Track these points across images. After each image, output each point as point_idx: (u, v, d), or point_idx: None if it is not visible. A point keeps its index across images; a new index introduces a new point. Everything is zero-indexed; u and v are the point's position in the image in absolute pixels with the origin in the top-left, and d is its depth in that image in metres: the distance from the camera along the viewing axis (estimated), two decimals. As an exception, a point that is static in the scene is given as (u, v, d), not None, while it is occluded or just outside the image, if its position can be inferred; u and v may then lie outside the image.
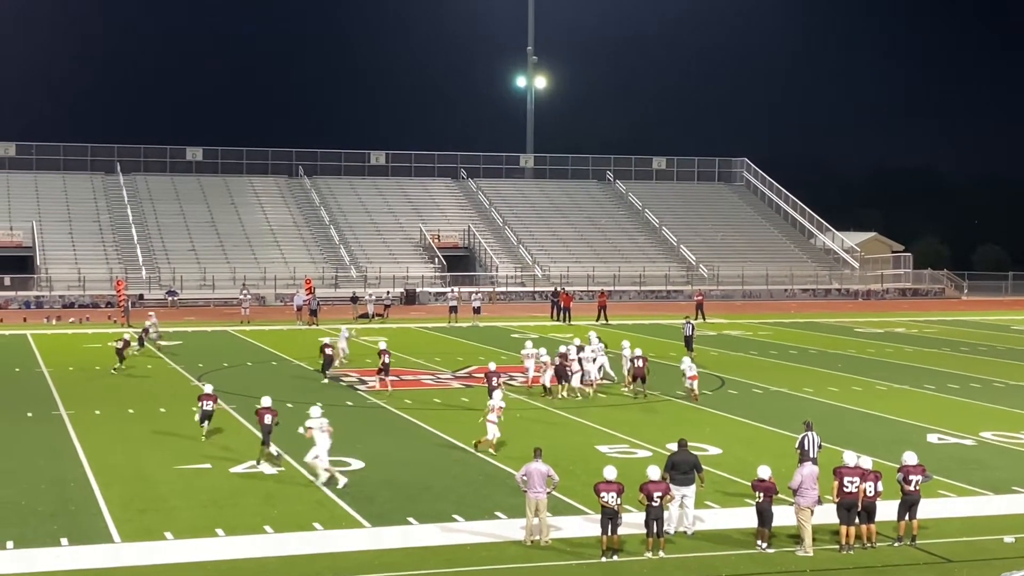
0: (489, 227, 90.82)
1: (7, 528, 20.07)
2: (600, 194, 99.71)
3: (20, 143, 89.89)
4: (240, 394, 35.19)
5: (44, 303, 71.79)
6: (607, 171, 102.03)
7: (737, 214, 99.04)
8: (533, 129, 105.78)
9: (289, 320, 60.74)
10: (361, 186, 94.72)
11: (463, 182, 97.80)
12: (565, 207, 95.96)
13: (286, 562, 18.72)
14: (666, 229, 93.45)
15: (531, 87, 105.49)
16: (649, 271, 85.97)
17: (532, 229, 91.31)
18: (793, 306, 75.44)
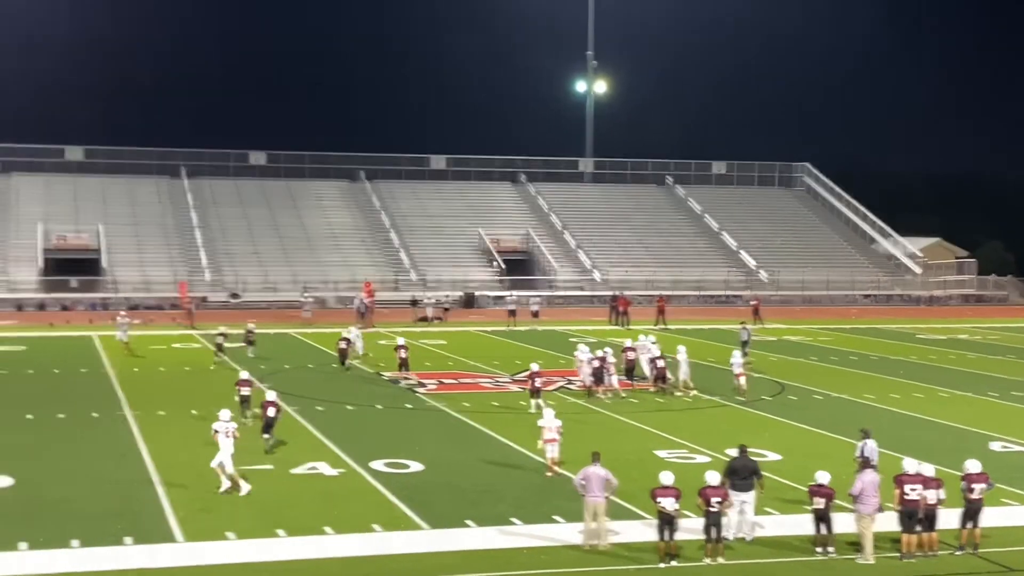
0: (548, 231, 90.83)
1: (72, 527, 20.41)
2: (659, 198, 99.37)
3: (88, 147, 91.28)
4: (302, 396, 35.53)
5: (110, 305, 72.77)
6: (666, 175, 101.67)
7: (798, 219, 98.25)
8: (593, 133, 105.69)
9: (350, 323, 61.06)
10: (421, 190, 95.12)
11: (522, 186, 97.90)
12: (624, 211, 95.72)
13: (345, 563, 18.87)
14: (726, 234, 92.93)
15: (591, 91, 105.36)
16: (708, 276, 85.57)
17: (591, 233, 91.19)
18: (854, 312, 74.69)
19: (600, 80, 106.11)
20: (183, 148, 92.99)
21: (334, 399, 35.23)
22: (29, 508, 21.74)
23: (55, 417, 31.64)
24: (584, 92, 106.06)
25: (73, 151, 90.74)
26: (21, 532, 19.99)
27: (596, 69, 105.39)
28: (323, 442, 28.45)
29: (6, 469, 24.66)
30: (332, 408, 33.67)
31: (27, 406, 33.07)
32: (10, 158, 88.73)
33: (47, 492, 22.96)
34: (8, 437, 28.63)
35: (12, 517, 21.08)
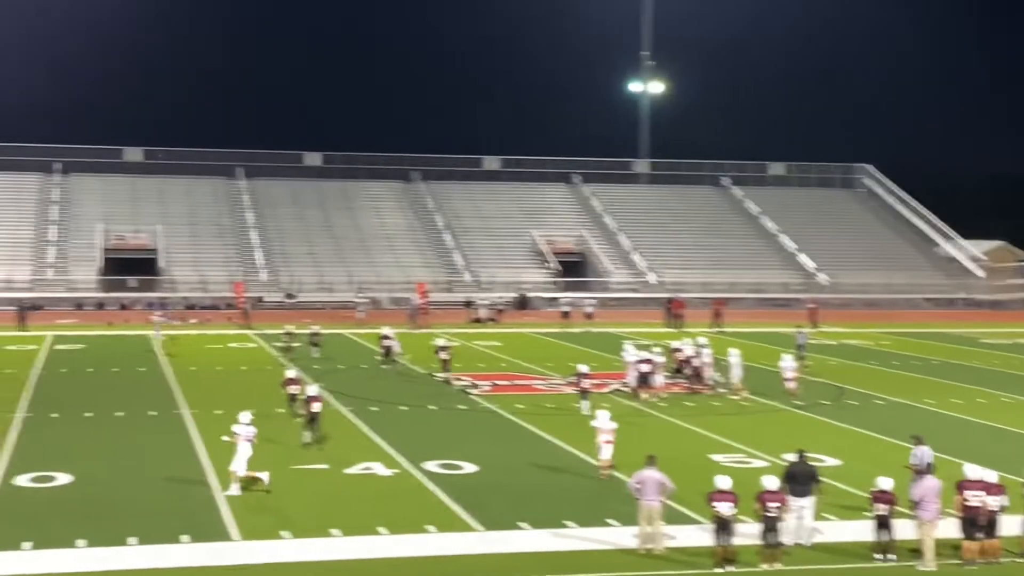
0: (602, 233, 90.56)
1: (130, 525, 20.54)
2: (716, 200, 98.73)
3: (147, 148, 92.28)
4: (356, 396, 35.63)
5: (168, 304, 73.50)
6: (723, 176, 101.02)
7: (858, 221, 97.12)
8: (648, 134, 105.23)
9: (403, 323, 61.25)
10: (475, 191, 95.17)
11: (577, 187, 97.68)
12: (679, 213, 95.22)
13: (399, 564, 18.84)
14: (784, 236, 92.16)
15: (646, 91, 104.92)
16: (766, 279, 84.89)
17: (646, 235, 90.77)
18: (916, 315, 73.77)
19: (656, 80, 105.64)
20: (240, 149, 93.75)
21: (388, 400, 35.28)
22: (87, 505, 21.93)
23: (113, 415, 31.93)
24: (639, 92, 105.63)
25: (132, 152, 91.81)
26: (80, 529, 20.16)
27: (652, 69, 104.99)
28: (377, 443, 28.48)
29: (65, 467, 24.91)
30: (386, 409, 33.72)
31: (86, 404, 33.42)
32: (71, 159, 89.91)
33: (105, 490, 23.15)
34: (68, 435, 28.94)
35: (71, 514, 21.27)
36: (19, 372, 40.68)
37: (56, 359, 44.83)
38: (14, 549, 19.04)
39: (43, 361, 44.06)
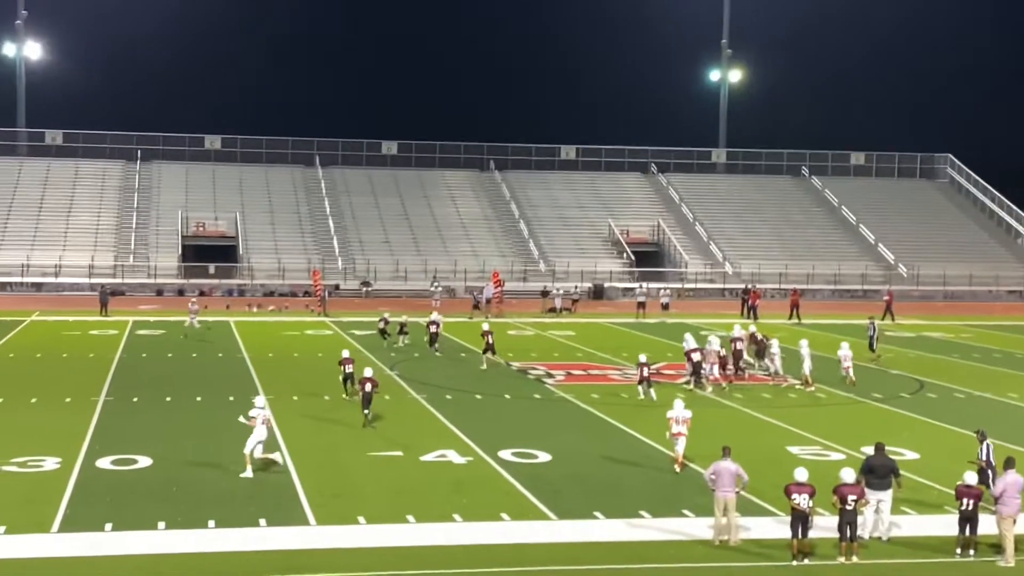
0: (679, 222, 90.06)
1: (209, 508, 20.83)
2: (795, 190, 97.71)
3: (225, 136, 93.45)
4: (431, 384, 35.80)
5: (246, 291, 74.45)
6: (802, 166, 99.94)
7: (940, 212, 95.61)
8: (726, 123, 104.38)
9: (478, 312, 61.46)
10: (551, 180, 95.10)
11: (653, 177, 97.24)
12: (758, 203, 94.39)
13: (473, 551, 18.90)
14: (864, 226, 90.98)
15: (725, 80, 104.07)
16: (845, 269, 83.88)
17: (723, 225, 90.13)
18: (998, 308, 72.47)
19: (735, 69, 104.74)
20: (318, 137, 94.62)
21: (463, 388, 35.40)
22: (167, 488, 22.26)
23: (193, 400, 32.40)
24: (718, 81, 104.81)
25: (212, 140, 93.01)
26: (160, 511, 20.48)
27: (731, 58, 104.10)
28: (452, 430, 28.59)
29: (145, 450, 25.33)
30: (460, 397, 33.84)
31: (167, 389, 33.95)
32: (152, 147, 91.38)
33: (184, 473, 23.49)
34: (148, 419, 29.41)
35: (151, 497, 21.61)
36: (101, 356, 41.44)
37: (136, 344, 45.59)
38: (97, 530, 19.39)
39: (124, 346, 44.83)
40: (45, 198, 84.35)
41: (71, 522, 19.86)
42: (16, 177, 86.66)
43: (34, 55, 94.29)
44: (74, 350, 43.44)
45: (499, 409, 32.21)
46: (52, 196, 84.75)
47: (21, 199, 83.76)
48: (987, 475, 20.93)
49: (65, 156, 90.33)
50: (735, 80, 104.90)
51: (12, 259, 75.31)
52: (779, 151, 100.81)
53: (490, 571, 17.85)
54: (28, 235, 79.32)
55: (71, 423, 28.49)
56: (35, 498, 21.32)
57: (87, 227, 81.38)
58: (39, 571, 17.37)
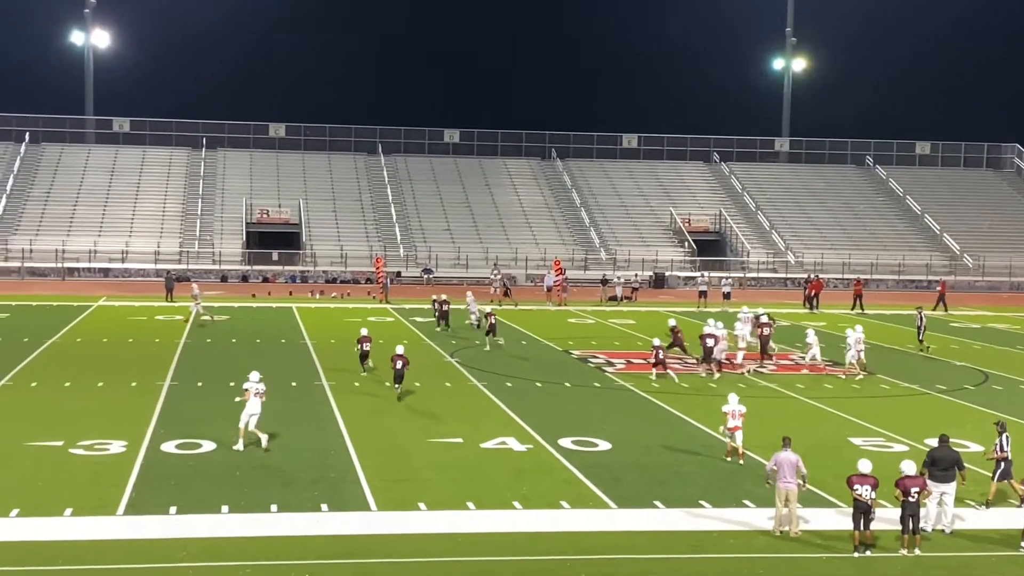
0: (741, 211, 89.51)
1: (271, 492, 21.06)
2: (858, 179, 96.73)
3: (290, 124, 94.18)
4: (491, 372, 35.89)
5: (309, 278, 75.06)
6: (867, 156, 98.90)
7: (1006, 202, 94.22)
8: (790, 112, 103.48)
9: (539, 300, 61.55)
10: (612, 169, 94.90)
11: (716, 166, 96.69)
12: (821, 192, 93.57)
13: (533, 538, 18.94)
14: (928, 216, 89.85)
15: (789, 69, 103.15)
16: (909, 260, 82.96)
17: (786, 214, 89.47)
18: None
19: (799, 57, 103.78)
20: (381, 126, 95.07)
21: (523, 375, 35.46)
22: (231, 472, 22.51)
23: (256, 385, 32.69)
24: (782, 70, 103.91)
25: (276, 128, 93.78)
26: (223, 495, 20.74)
27: (795, 46, 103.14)
28: (512, 417, 28.66)
29: (210, 434, 25.64)
30: (521, 384, 33.89)
31: (230, 374, 34.24)
32: (217, 134, 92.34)
33: (248, 457, 23.73)
34: (212, 403, 29.76)
35: (215, 480, 21.88)
36: (166, 341, 41.98)
37: (201, 330, 46.10)
38: (161, 513, 19.67)
39: (188, 331, 45.36)
40: (112, 185, 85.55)
41: (136, 505, 20.16)
42: (84, 164, 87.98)
43: (102, 43, 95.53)
44: (140, 335, 44.04)
45: (559, 397, 32.22)
46: (119, 183, 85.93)
47: (89, 186, 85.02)
48: (1004, 467, 20.84)
49: (132, 144, 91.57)
50: (799, 69, 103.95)
51: (80, 245, 76.47)
52: (843, 140, 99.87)
53: (550, 559, 17.89)
54: (96, 221, 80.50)
55: (137, 407, 28.91)
56: (101, 481, 21.65)
57: (153, 214, 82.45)
58: (105, 553, 17.65)
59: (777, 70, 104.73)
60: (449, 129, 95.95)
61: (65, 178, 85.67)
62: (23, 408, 28.74)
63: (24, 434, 25.37)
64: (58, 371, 34.52)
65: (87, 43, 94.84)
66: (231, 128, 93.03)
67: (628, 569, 17.63)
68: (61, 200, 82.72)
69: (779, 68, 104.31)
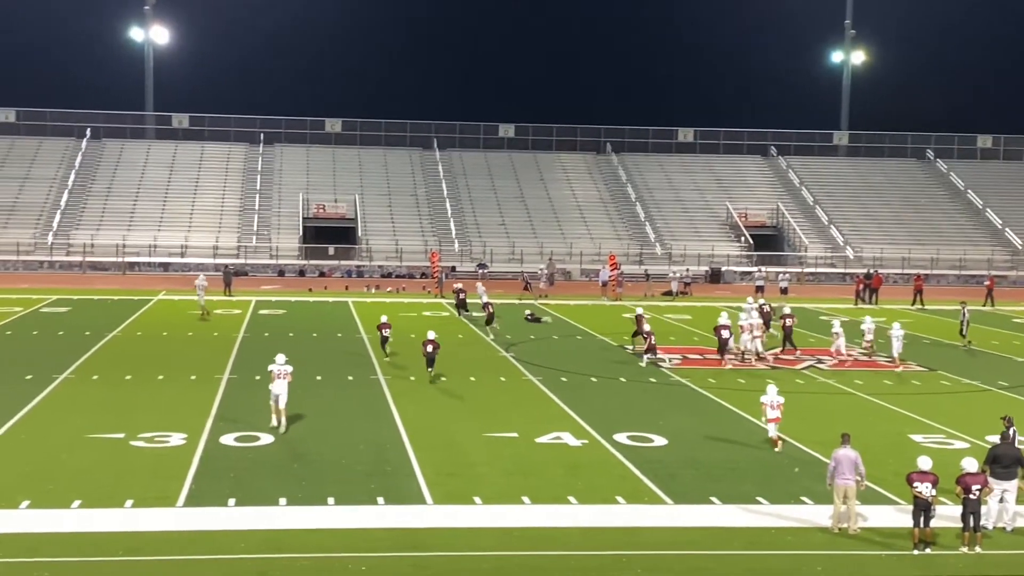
0: (799, 206, 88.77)
1: (329, 485, 21.19)
2: (919, 173, 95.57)
3: (345, 119, 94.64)
4: (546, 367, 35.88)
5: (364, 272, 75.41)
6: (927, 149, 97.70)
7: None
8: (848, 105, 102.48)
9: (594, 295, 61.44)
10: (668, 163, 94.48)
11: (773, 159, 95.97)
12: (880, 186, 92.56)
13: (588, 533, 18.91)
14: (990, 211, 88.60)
15: (848, 62, 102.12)
16: (970, 255, 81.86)
17: (844, 208, 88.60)
18: None
19: (858, 50, 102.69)
20: (436, 120, 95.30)
21: (578, 370, 35.41)
22: (288, 465, 22.69)
23: (313, 379, 32.89)
24: (840, 63, 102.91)
25: (333, 123, 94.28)
26: (281, 487, 20.90)
27: (854, 39, 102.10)
28: (567, 412, 28.63)
29: (268, 427, 25.84)
30: (576, 379, 33.85)
31: (287, 367, 34.51)
32: (274, 130, 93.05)
33: (305, 451, 23.91)
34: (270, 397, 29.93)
35: (273, 473, 22.06)
36: (225, 335, 42.36)
37: (259, 323, 46.49)
38: (220, 505, 19.87)
39: (247, 325, 45.76)
40: (172, 180, 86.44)
41: (196, 497, 20.37)
42: (144, 160, 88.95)
43: (161, 40, 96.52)
44: (199, 329, 44.48)
45: (614, 392, 32.15)
46: (179, 178, 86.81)
47: (149, 181, 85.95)
48: None
49: (191, 139, 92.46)
50: (858, 61, 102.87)
51: (140, 239, 77.35)
52: (903, 134, 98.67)
53: (605, 554, 17.86)
54: (156, 216, 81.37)
55: (196, 400, 29.21)
56: (161, 473, 21.90)
57: (212, 208, 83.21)
58: (165, 544, 17.85)
59: (836, 63, 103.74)
60: (504, 124, 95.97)
61: (126, 173, 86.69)
62: (85, 401, 29.14)
63: (86, 426, 25.72)
64: (119, 364, 34.95)
65: (147, 40, 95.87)
66: (288, 124, 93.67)
67: (684, 565, 17.56)
68: (122, 195, 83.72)
69: (838, 61, 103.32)
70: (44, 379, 31.78)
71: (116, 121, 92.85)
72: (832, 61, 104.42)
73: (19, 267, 73.71)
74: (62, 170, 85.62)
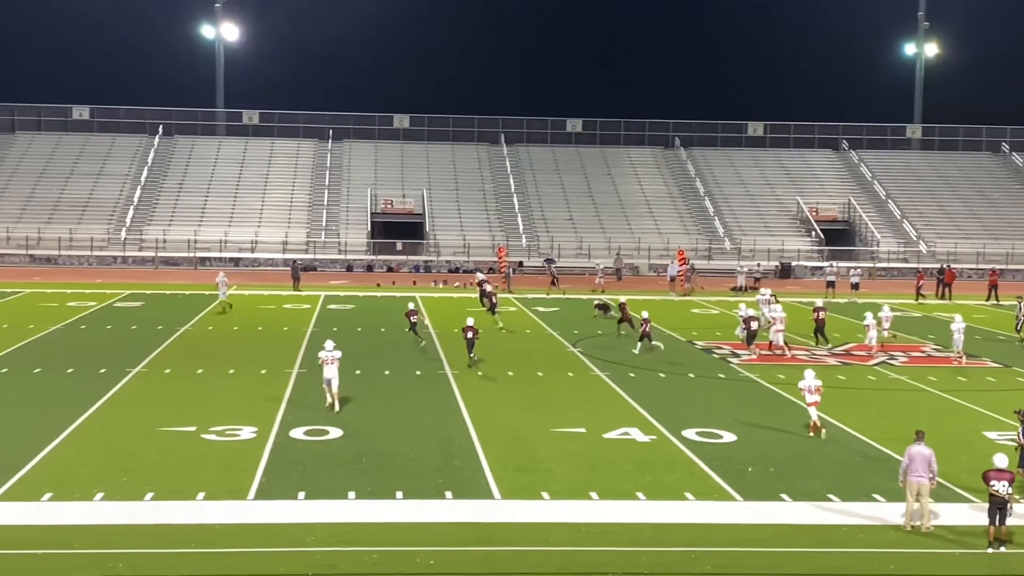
0: (871, 200, 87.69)
1: (397, 480, 21.25)
2: (994, 167, 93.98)
3: (413, 115, 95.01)
4: (614, 362, 35.74)
5: (432, 267, 75.68)
6: (1002, 142, 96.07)
7: None
8: (922, 98, 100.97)
9: (662, 290, 61.14)
10: (737, 157, 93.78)
11: (844, 153, 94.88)
12: (954, 180, 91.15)
13: (657, 529, 18.79)
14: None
15: (921, 54, 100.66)
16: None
17: (917, 203, 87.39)
18: None
19: (931, 42, 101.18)
20: (503, 116, 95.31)
21: (646, 366, 35.23)
22: (357, 459, 22.79)
23: (382, 373, 33.09)
24: (914, 55, 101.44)
25: (400, 119, 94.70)
26: (350, 481, 21.00)
27: (927, 31, 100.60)
28: (635, 408, 28.49)
29: (337, 421, 26.01)
30: (644, 375, 33.68)
31: (356, 362, 34.68)
32: (343, 125, 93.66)
33: (373, 444, 24.00)
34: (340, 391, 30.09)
35: (342, 467, 22.17)
36: (294, 330, 42.69)
37: (327, 318, 46.81)
38: (290, 498, 20.00)
39: (315, 320, 46.08)
40: (242, 176, 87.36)
41: (266, 490, 20.53)
42: (215, 156, 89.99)
43: (231, 37, 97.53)
44: (269, 323, 44.88)
45: (683, 388, 31.95)
46: (248, 174, 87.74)
47: (219, 177, 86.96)
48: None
49: (261, 136, 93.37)
50: (931, 54, 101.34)
51: (211, 235, 78.28)
52: (977, 127, 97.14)
53: (674, 550, 17.73)
54: (226, 212, 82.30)
55: (266, 394, 29.46)
56: (232, 466, 22.10)
57: (281, 204, 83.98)
58: (236, 537, 18.00)
59: (909, 55, 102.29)
60: (572, 118, 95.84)
61: (197, 170, 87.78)
62: (157, 394, 29.50)
63: (158, 419, 26.04)
64: (191, 358, 35.37)
65: (217, 37, 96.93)
66: (356, 119, 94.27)
67: (754, 562, 17.39)
68: (193, 191, 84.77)
69: (911, 53, 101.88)
70: (118, 373, 32.25)
71: (187, 118, 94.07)
72: (905, 53, 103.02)
73: (93, 262, 74.92)
74: (135, 166, 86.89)
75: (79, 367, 33.18)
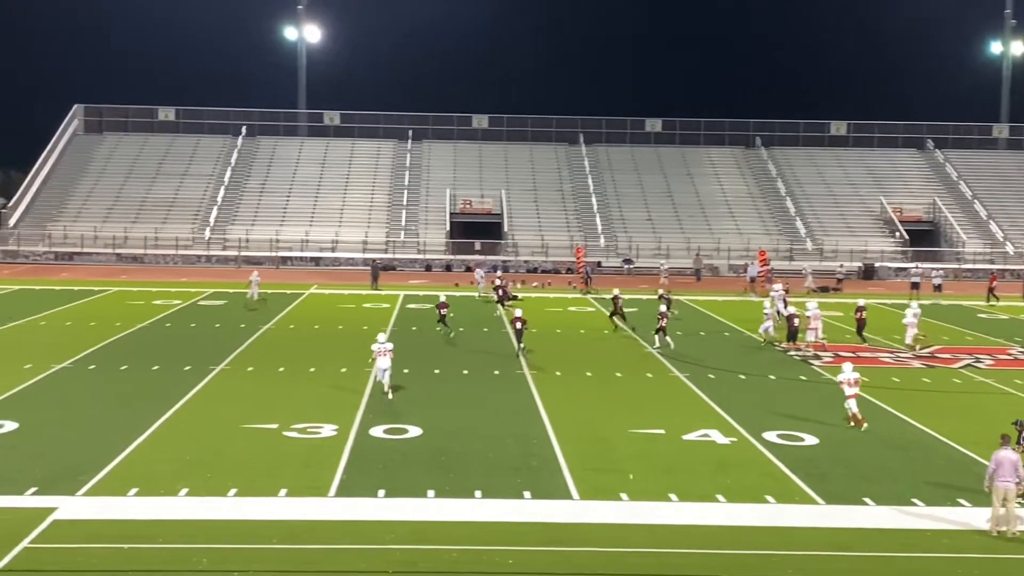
0: (956, 200, 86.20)
1: (476, 478, 21.32)
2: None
3: (492, 115, 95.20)
4: (693, 363, 35.54)
5: (510, 267, 75.77)
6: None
7: None
8: (1009, 96, 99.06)
9: (739, 291, 60.65)
10: (820, 157, 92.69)
11: (929, 153, 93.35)
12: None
13: (737, 532, 18.64)
14: None
15: (1007, 52, 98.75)
16: None
17: (1005, 203, 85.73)
18: None
19: (1018, 40, 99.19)
20: (581, 116, 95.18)
21: (726, 367, 34.99)
22: (436, 458, 22.90)
23: (460, 372, 33.21)
24: (1000, 53, 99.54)
25: (479, 119, 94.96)
26: (429, 480, 21.11)
27: (1014, 28, 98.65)
28: (715, 410, 28.31)
29: (416, 420, 26.16)
30: (723, 376, 33.44)
31: (435, 361, 34.92)
32: (422, 126, 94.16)
33: (453, 443, 24.10)
34: (418, 390, 30.32)
35: (421, 465, 22.29)
36: (374, 329, 42.91)
37: (406, 317, 47.08)
38: (370, 496, 20.16)
39: (395, 319, 46.37)
40: (323, 177, 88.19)
41: (347, 487, 20.71)
42: (297, 157, 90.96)
43: (313, 39, 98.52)
44: (349, 322, 45.25)
45: (763, 390, 31.67)
46: (329, 175, 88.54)
47: (301, 177, 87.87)
48: None
49: (342, 136, 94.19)
50: (1019, 52, 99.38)
51: (293, 235, 79.15)
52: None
53: (755, 553, 17.59)
54: (307, 212, 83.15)
55: (346, 392, 29.71)
56: (313, 463, 22.33)
57: (361, 204, 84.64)
58: (317, 533, 18.18)
59: (995, 54, 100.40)
60: (651, 118, 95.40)
61: (279, 170, 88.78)
62: (240, 392, 29.90)
63: (241, 416, 26.39)
64: (273, 356, 35.79)
65: (300, 39, 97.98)
66: (436, 120, 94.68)
67: (837, 566, 17.19)
68: (275, 191, 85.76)
69: (997, 52, 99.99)
70: (202, 370, 32.73)
71: (270, 119, 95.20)
72: (991, 52, 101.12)
73: (178, 261, 76.12)
74: (219, 167, 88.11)
75: (164, 364, 33.73)
